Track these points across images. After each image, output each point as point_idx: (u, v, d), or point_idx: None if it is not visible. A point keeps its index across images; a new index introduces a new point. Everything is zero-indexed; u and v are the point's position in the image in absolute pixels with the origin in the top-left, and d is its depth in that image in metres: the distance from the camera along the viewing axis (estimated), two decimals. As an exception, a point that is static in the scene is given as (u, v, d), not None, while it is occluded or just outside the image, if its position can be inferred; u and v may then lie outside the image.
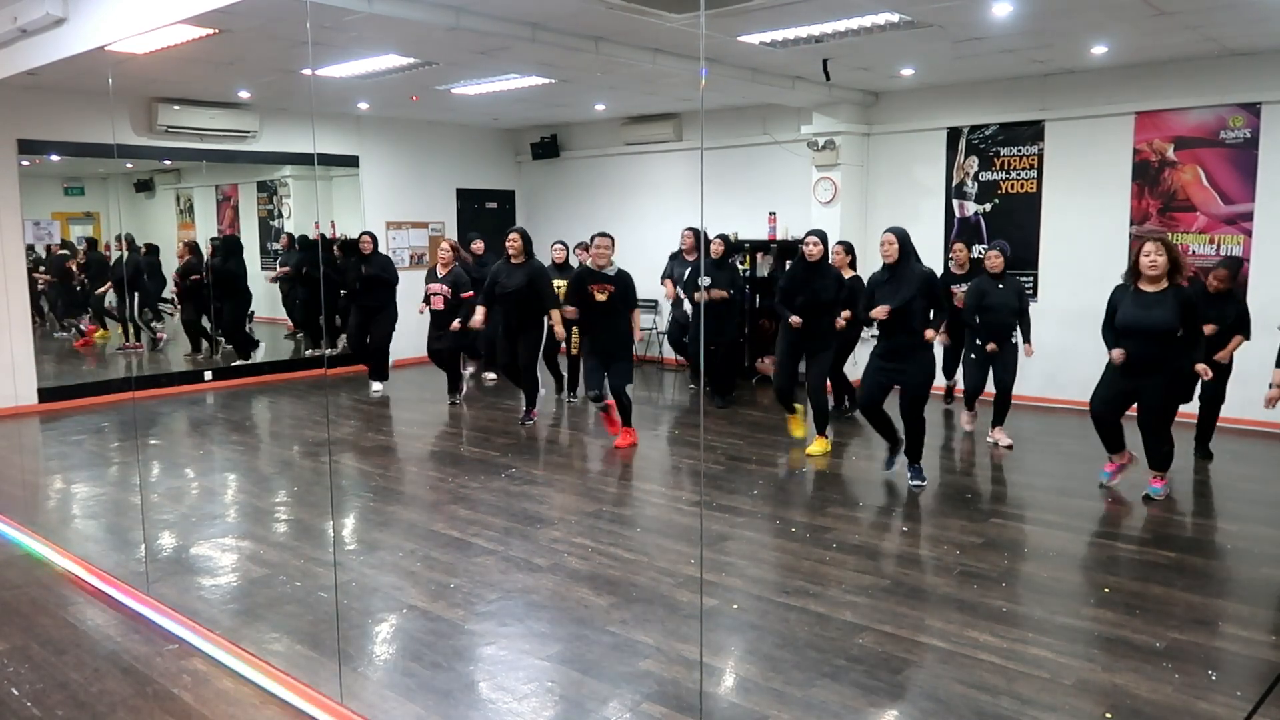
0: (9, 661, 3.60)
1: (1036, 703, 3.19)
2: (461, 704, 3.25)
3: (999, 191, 8.53)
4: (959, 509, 5.37)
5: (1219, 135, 7.34)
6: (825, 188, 9.05)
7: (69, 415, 8.30)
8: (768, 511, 5.38)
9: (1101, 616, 3.91)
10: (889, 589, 4.22)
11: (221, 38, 6.09)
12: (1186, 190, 7.54)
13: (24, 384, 8.49)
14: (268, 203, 11.18)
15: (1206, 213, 7.46)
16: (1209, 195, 7.44)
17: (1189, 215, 7.54)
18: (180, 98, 9.00)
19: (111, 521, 5.34)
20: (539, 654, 3.61)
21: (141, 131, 8.99)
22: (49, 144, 8.62)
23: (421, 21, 5.51)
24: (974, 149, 8.63)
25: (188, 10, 4.84)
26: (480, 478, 6.13)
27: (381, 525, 5.23)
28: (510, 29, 5.92)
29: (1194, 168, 7.48)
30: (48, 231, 9.65)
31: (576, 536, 4.97)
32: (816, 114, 8.98)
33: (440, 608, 4.05)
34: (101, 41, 5.41)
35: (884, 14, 5.83)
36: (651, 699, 3.24)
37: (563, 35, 6.20)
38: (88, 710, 3.23)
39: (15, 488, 6.26)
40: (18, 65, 6.22)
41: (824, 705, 3.19)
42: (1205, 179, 7.45)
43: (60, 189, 10.12)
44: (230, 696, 3.32)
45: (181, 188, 10.97)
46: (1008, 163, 8.45)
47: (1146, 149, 7.70)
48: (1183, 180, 7.55)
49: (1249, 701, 3.18)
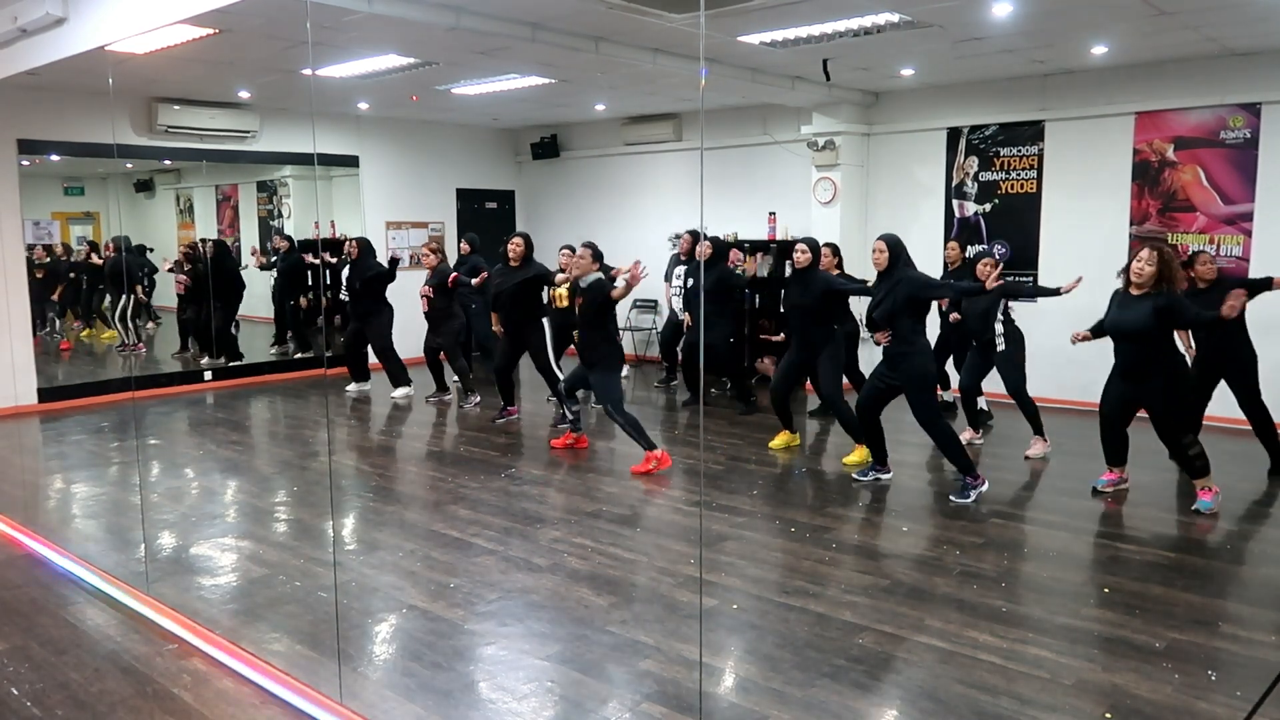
0: (9, 661, 3.60)
1: (1036, 703, 3.19)
2: (461, 704, 3.25)
3: (999, 192, 8.53)
4: (959, 509, 5.37)
5: (1219, 135, 7.34)
6: (825, 188, 9.05)
7: (69, 415, 8.30)
8: (768, 511, 5.38)
9: (1101, 616, 3.91)
10: (889, 589, 4.22)
11: (221, 38, 6.09)
12: (1186, 190, 7.54)
13: (24, 384, 8.49)
14: (268, 203, 11.18)
15: (1206, 213, 7.46)
16: (1209, 195, 7.44)
17: (1189, 215, 7.54)
18: (180, 98, 9.00)
19: (111, 521, 5.34)
20: (539, 654, 3.61)
21: (141, 131, 8.99)
22: (49, 144, 8.62)
23: (421, 21, 5.51)
24: (974, 149, 8.63)
25: (188, 10, 4.84)
26: (480, 478, 6.13)
27: (381, 525, 5.23)
28: (510, 29, 5.92)
29: (1194, 168, 7.48)
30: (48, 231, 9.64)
31: (576, 536, 4.97)
32: (816, 114, 8.98)
33: (440, 608, 4.05)
34: (101, 41, 5.41)
35: (884, 14, 5.83)
36: (651, 699, 3.24)
37: (563, 35, 6.20)
38: (88, 710, 3.23)
39: (15, 488, 6.26)
40: (18, 65, 6.22)
41: (824, 705, 3.19)
42: (1205, 179, 7.45)
43: (60, 189, 10.12)
44: (230, 696, 3.32)
45: (181, 188, 10.97)
46: (1008, 163, 8.45)
47: (1146, 149, 7.70)
48: (1183, 180, 7.55)
49: (1249, 701, 3.18)
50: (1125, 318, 5.27)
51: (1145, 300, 5.18)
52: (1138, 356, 5.27)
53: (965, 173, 8.71)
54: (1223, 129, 7.32)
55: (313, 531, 5.16)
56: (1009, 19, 5.95)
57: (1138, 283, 5.24)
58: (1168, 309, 5.15)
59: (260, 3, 5.25)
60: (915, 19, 5.93)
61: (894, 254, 5.55)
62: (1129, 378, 5.35)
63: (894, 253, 5.57)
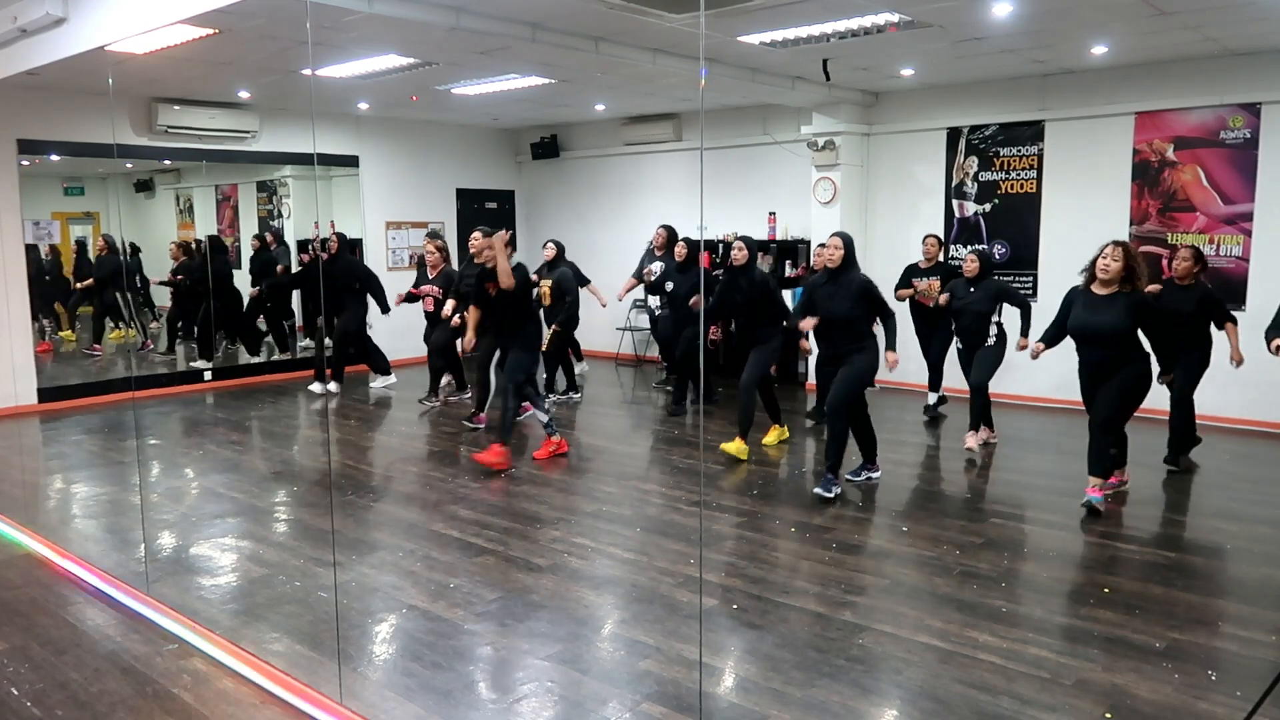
0: (9, 661, 3.60)
1: (1036, 703, 3.19)
2: (461, 704, 3.25)
3: (999, 191, 8.53)
4: (959, 509, 5.37)
5: (1219, 135, 7.34)
6: (825, 188, 9.05)
7: (69, 415, 8.30)
8: (768, 511, 5.38)
9: (1101, 616, 3.91)
10: (889, 589, 4.22)
11: (221, 38, 6.09)
12: (1186, 190, 7.54)
13: (24, 384, 8.49)
14: (268, 203, 11.17)
15: (1206, 213, 7.46)
16: (1209, 195, 7.44)
17: (1189, 215, 7.54)
18: (180, 98, 9.00)
19: (111, 521, 5.34)
20: (539, 654, 3.61)
21: (141, 131, 8.99)
22: (49, 144, 8.62)
23: (421, 21, 5.51)
24: (974, 149, 8.63)
25: (188, 10, 4.84)
26: (480, 478, 6.13)
27: (381, 525, 5.23)
28: (510, 29, 5.92)
29: (1194, 168, 7.48)
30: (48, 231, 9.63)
31: (576, 536, 4.97)
32: (816, 114, 8.98)
33: (440, 608, 4.05)
34: (101, 41, 5.41)
35: (884, 14, 5.83)
36: (651, 699, 3.24)
37: (563, 35, 6.20)
38: (88, 710, 3.23)
39: (15, 488, 6.26)
40: (18, 65, 6.22)
41: (824, 705, 3.19)
42: (1205, 179, 7.45)
43: (60, 189, 10.10)
44: (230, 696, 3.32)
45: (181, 188, 10.96)
46: (1008, 163, 8.45)
47: (1146, 149, 7.70)
48: (1183, 180, 7.55)
49: (1249, 701, 3.17)
50: (1096, 319, 5.09)
51: (1116, 300, 5.05)
52: (1109, 358, 5.11)
53: (965, 173, 8.71)
54: (1223, 129, 7.32)
55: (313, 531, 5.16)
56: (1009, 19, 5.95)
57: (1105, 280, 5.08)
58: (1142, 306, 5.06)
59: (260, 3, 5.25)
60: (915, 19, 5.93)
61: (849, 254, 5.57)
62: (1097, 378, 5.21)
63: (849, 252, 5.59)
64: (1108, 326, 5.03)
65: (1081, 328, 5.16)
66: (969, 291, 6.73)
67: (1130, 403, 5.16)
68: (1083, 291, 5.23)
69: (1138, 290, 5.06)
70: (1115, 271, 5.03)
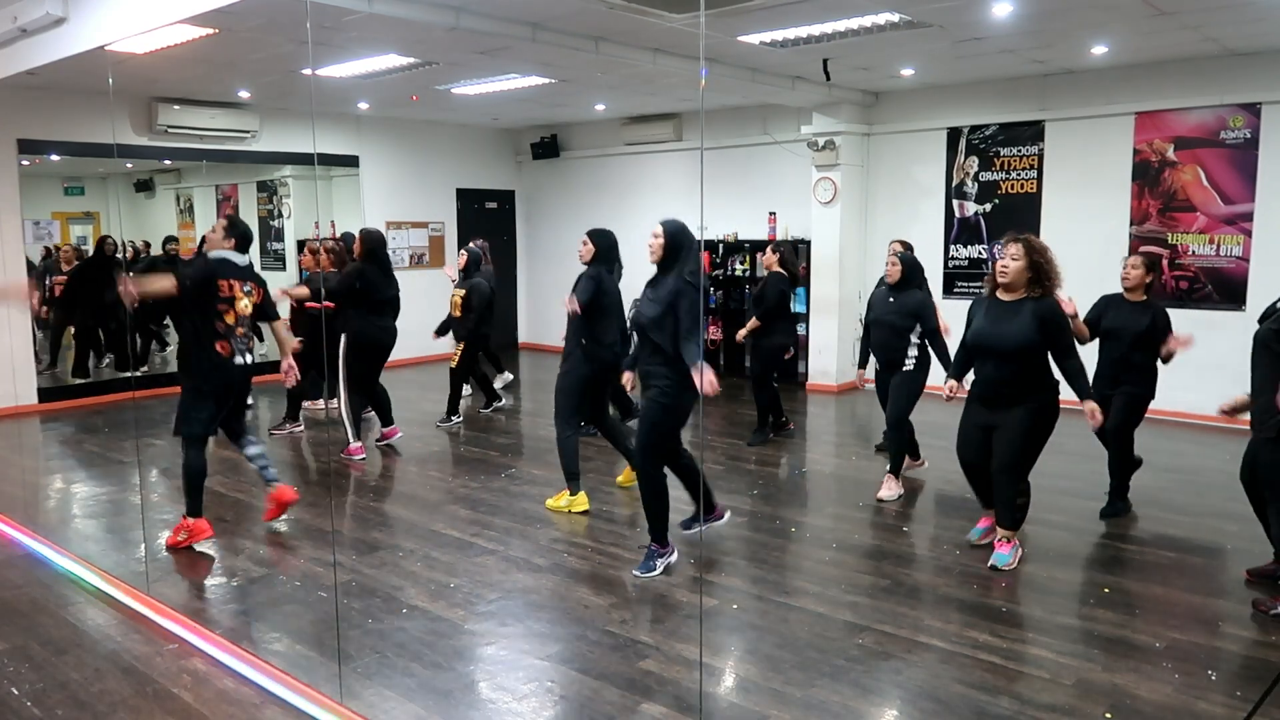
0: (9, 661, 3.60)
1: (1036, 703, 3.19)
2: (461, 704, 3.25)
3: (999, 192, 8.53)
4: (959, 509, 5.37)
5: (1219, 135, 7.34)
6: (825, 188, 9.05)
7: (69, 415, 8.30)
8: (768, 511, 5.38)
9: (1101, 616, 3.91)
10: (889, 589, 4.22)
11: (221, 38, 6.09)
12: (1186, 190, 7.54)
13: (24, 384, 8.49)
14: (268, 203, 11.18)
15: (1206, 213, 7.46)
16: (1209, 195, 7.44)
17: (1189, 215, 7.54)
18: (180, 98, 9.00)
19: (111, 521, 5.34)
20: (539, 654, 3.61)
21: (141, 131, 8.99)
22: (49, 144, 8.62)
23: (421, 21, 5.51)
24: (974, 149, 8.63)
25: (188, 10, 4.85)
26: (480, 478, 6.13)
27: (381, 525, 5.23)
28: (510, 29, 5.92)
29: (1194, 168, 7.48)
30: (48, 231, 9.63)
31: (576, 536, 4.97)
32: (816, 114, 8.98)
33: (440, 608, 4.05)
34: (101, 41, 5.41)
35: (884, 14, 5.83)
36: (651, 699, 3.24)
37: (563, 35, 6.20)
38: (88, 710, 3.23)
39: (15, 488, 6.26)
40: (18, 65, 6.22)
41: (824, 705, 3.19)
42: (1205, 179, 7.45)
43: (60, 189, 10.11)
44: (230, 696, 3.32)
45: (181, 188, 10.96)
46: (1008, 163, 8.45)
47: (1146, 149, 7.70)
48: (1183, 180, 7.55)
49: (1249, 701, 3.18)
50: (1000, 330, 4.23)
51: (1021, 306, 4.21)
52: (1008, 378, 4.26)
53: (965, 173, 8.71)
54: (1223, 129, 7.32)
55: (313, 531, 5.16)
56: (1009, 19, 5.95)
57: (1006, 283, 4.25)
58: (1051, 316, 4.17)
59: (260, 3, 5.25)
60: (915, 19, 5.93)
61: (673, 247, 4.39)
62: (992, 403, 4.34)
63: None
64: (1009, 338, 4.20)
65: (982, 341, 4.31)
66: (887, 302, 5.62)
67: (1035, 442, 4.34)
68: (986, 298, 4.43)
69: (1048, 297, 4.23)
70: (1016, 272, 4.22)
